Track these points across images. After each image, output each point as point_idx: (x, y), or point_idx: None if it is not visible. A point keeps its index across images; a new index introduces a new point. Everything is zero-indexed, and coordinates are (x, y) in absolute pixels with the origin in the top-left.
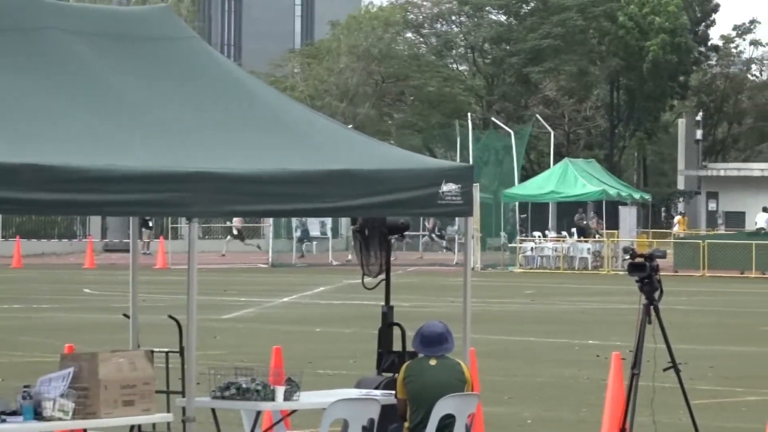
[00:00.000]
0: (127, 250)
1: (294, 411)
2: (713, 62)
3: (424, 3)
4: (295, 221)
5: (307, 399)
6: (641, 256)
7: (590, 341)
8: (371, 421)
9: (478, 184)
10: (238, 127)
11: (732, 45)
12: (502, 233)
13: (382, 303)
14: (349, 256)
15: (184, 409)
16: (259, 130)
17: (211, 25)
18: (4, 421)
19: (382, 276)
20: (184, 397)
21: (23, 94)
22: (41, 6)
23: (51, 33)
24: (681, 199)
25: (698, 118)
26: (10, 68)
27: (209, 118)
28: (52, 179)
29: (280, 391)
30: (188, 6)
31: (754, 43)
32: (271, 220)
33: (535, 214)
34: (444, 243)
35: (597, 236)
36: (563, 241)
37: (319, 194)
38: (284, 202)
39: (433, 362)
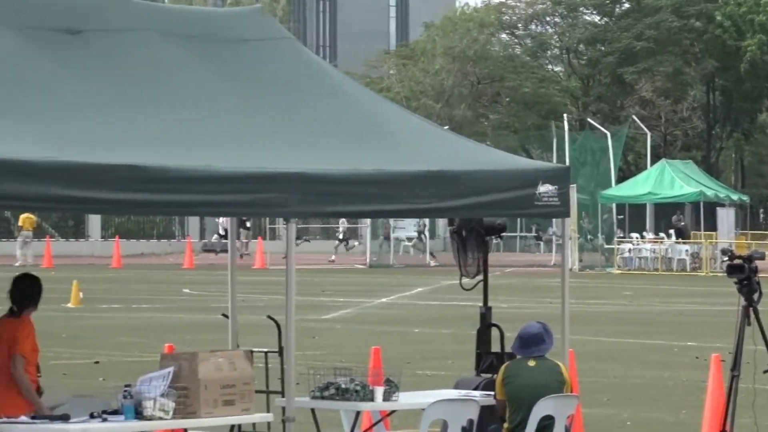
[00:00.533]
0: (225, 251)
1: (393, 411)
2: None
3: (518, 4)
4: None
5: (406, 399)
6: (740, 257)
7: (689, 343)
8: (470, 422)
9: (574, 185)
10: (334, 128)
11: None
12: (600, 234)
13: (480, 304)
14: (430, 260)
15: (283, 408)
16: (354, 131)
17: (306, 26)
18: (105, 420)
19: (480, 277)
20: (283, 397)
21: (116, 95)
22: (133, 7)
23: (142, 34)
24: None
25: None
26: (101, 70)
27: (304, 118)
28: (148, 179)
29: (379, 391)
30: (284, 6)
31: None
32: (368, 221)
33: (632, 216)
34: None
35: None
36: (661, 242)
37: (414, 195)
38: (380, 202)
39: (531, 363)
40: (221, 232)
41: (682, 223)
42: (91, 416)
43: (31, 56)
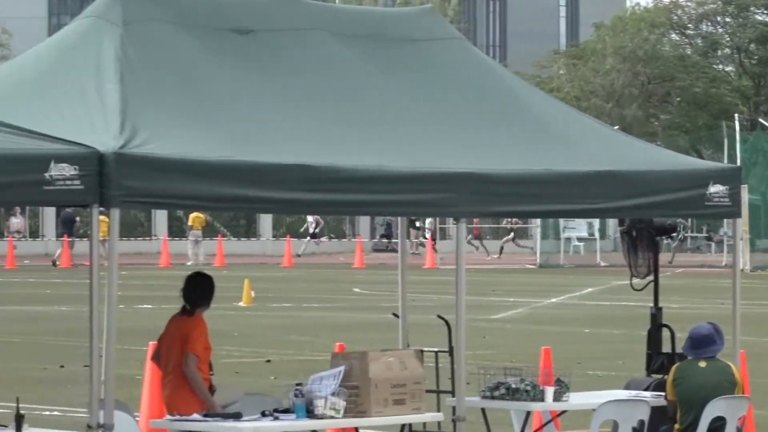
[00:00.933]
0: (396, 250)
1: (563, 412)
2: None
3: (689, 4)
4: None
5: (577, 400)
6: None
7: None
8: (641, 422)
9: (745, 185)
10: (504, 127)
11: None
12: None
13: (651, 304)
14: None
15: (454, 408)
16: (524, 131)
17: (476, 26)
18: (276, 418)
19: (650, 277)
20: (453, 396)
21: (287, 95)
22: (304, 7)
23: (313, 34)
24: None
25: None
26: (272, 70)
27: (474, 118)
28: (319, 179)
29: (549, 391)
30: (455, 6)
31: None
32: (538, 221)
33: None
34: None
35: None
36: None
37: (584, 195)
38: (549, 202)
39: (702, 364)
40: (311, 230)
41: None
42: (263, 414)
43: (202, 56)
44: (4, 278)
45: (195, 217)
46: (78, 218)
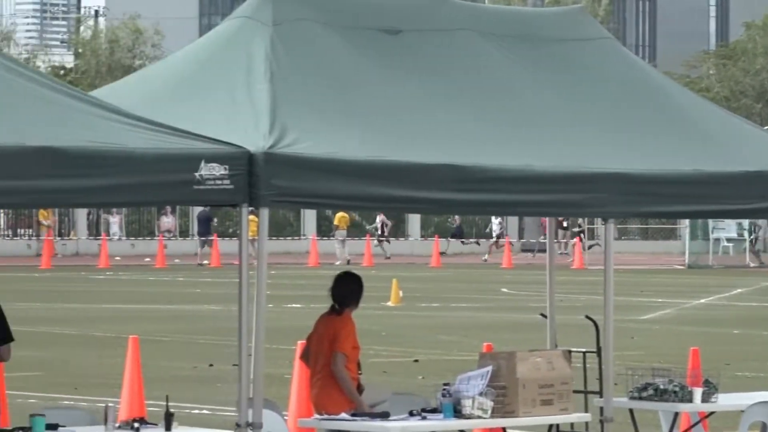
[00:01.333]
0: (544, 250)
1: (712, 413)
2: None
3: None
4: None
5: (725, 401)
6: None
7: None
8: None
9: None
10: (653, 128)
11: None
12: None
13: None
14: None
15: (601, 409)
16: (674, 131)
17: (626, 26)
18: (424, 418)
19: None
20: (601, 397)
21: (435, 95)
22: (452, 7)
23: (461, 35)
24: None
25: None
26: (420, 70)
27: (623, 118)
28: (467, 179)
29: (697, 392)
30: (606, 6)
31: None
32: (687, 222)
33: None
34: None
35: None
36: None
37: (733, 196)
38: (698, 203)
39: None
40: (379, 231)
41: None
42: (410, 414)
43: (350, 56)
44: (155, 277)
45: (341, 217)
46: (215, 219)
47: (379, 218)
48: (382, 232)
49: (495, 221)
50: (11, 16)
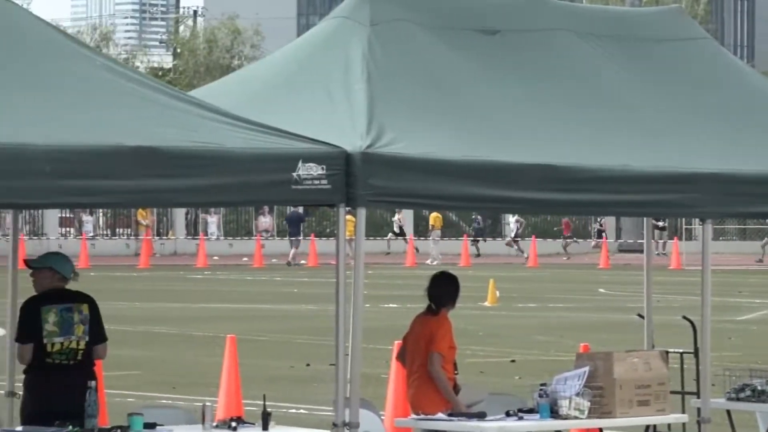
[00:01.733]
0: (642, 251)
1: None
2: None
3: None
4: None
5: None
6: None
7: None
8: None
9: None
10: (749, 128)
11: None
12: None
13: None
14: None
15: (699, 409)
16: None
17: (724, 26)
18: (521, 418)
19: None
20: (698, 398)
21: (532, 95)
22: (551, 7)
23: (560, 35)
24: None
25: None
26: (518, 70)
27: (719, 119)
28: (563, 179)
29: None
30: (705, 6)
31: None
32: None
33: None
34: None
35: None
36: None
37: None
38: None
39: None
40: (396, 229)
41: None
42: (507, 414)
43: (447, 57)
44: (252, 277)
45: (435, 217)
46: (308, 218)
47: (397, 216)
48: (401, 232)
49: (512, 219)
50: (110, 16)
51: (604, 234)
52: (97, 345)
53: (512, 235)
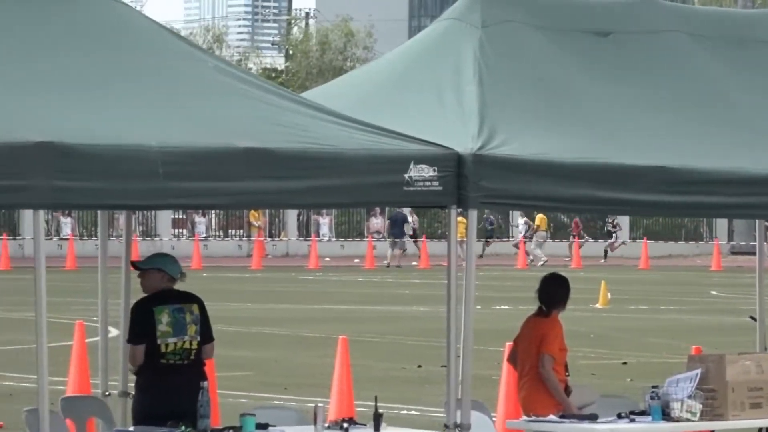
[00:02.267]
0: (754, 253)
1: None
2: None
3: None
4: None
5: None
6: None
7: None
8: None
9: None
10: None
11: None
12: None
13: None
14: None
15: None
16: None
17: None
18: (632, 420)
19: None
20: None
21: (643, 97)
22: (662, 8)
23: (671, 36)
24: None
25: None
26: (630, 71)
27: None
28: (676, 181)
29: None
30: None
31: None
32: None
33: None
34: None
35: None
36: None
37: None
38: None
39: None
40: (409, 231)
41: None
42: (619, 416)
43: (559, 58)
44: (364, 278)
45: (541, 219)
46: (410, 220)
47: (411, 218)
48: (414, 234)
49: (521, 220)
50: (223, 18)
51: (614, 234)
52: (206, 345)
53: (521, 236)
